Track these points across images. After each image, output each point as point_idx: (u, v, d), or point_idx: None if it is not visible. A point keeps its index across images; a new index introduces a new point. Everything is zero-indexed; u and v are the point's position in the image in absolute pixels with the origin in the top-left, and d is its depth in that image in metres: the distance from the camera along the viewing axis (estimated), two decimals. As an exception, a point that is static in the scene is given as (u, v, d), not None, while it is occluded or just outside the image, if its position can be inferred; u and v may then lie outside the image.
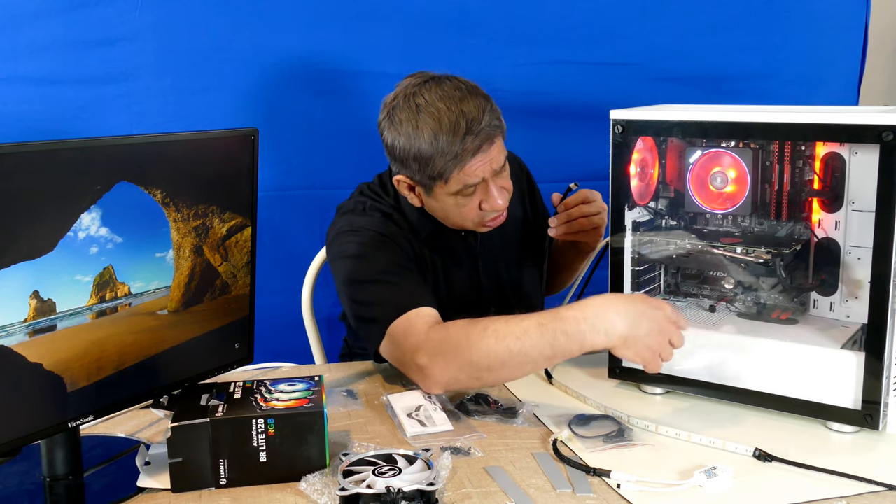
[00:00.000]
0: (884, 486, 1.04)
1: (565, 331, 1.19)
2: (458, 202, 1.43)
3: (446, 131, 1.35)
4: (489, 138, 1.37)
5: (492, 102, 1.41)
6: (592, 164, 1.86)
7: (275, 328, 1.97)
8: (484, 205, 1.44)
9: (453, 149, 1.35)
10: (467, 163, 1.37)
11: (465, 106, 1.36)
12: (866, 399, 1.16)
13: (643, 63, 2.10)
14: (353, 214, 1.51)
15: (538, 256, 1.71)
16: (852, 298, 1.28)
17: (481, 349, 1.22)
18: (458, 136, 1.35)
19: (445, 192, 1.42)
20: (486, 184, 1.42)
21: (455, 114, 1.35)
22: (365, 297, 1.40)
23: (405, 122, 1.38)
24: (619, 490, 1.05)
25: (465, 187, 1.40)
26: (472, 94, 1.39)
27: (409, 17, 1.96)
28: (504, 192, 1.45)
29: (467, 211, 1.45)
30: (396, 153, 1.41)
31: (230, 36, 1.88)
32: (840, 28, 2.21)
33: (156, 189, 1.09)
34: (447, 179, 1.39)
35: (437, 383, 1.27)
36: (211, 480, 1.07)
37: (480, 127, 1.36)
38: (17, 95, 1.80)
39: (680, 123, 1.29)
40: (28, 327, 0.97)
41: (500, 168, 1.42)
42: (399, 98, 1.40)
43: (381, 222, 1.49)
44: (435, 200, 1.46)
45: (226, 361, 1.26)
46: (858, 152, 1.22)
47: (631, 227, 1.38)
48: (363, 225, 1.47)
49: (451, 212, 1.46)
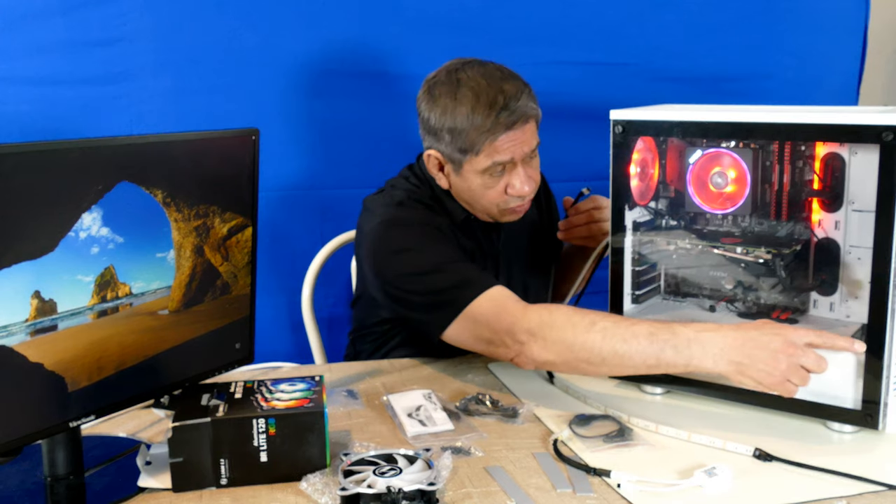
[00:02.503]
0: (884, 486, 1.04)
1: (675, 346, 1.19)
2: (486, 182, 1.45)
3: (483, 105, 1.38)
4: (524, 118, 1.40)
5: (530, 88, 1.44)
6: (592, 164, 1.86)
7: (275, 328, 1.97)
8: (510, 189, 1.45)
9: (487, 122, 1.38)
10: (499, 138, 1.39)
11: (504, 84, 1.40)
12: (866, 399, 1.17)
13: (643, 63, 2.10)
14: (394, 208, 1.49)
15: (548, 262, 1.71)
16: (852, 298, 1.28)
17: (586, 342, 1.23)
18: (494, 111, 1.38)
19: (474, 170, 1.43)
20: (515, 166, 1.44)
21: (495, 90, 1.39)
22: (432, 287, 1.38)
23: (444, 95, 1.42)
24: (620, 490, 1.05)
25: (493, 164, 1.42)
26: (512, 76, 1.43)
27: (409, 18, 1.96)
28: (531, 182, 1.46)
29: (493, 194, 1.46)
30: (431, 125, 1.45)
31: (230, 36, 1.88)
32: (840, 28, 2.21)
33: (157, 189, 1.09)
34: (478, 152, 1.41)
35: (532, 361, 1.29)
36: (212, 480, 1.07)
37: (517, 105, 1.39)
38: (17, 95, 1.79)
39: (680, 123, 1.29)
40: (29, 327, 0.97)
41: (530, 152, 1.45)
42: (441, 74, 1.45)
43: (428, 214, 1.50)
44: (463, 180, 1.47)
45: (226, 361, 1.26)
46: (858, 152, 1.22)
47: (631, 227, 1.38)
48: (410, 217, 1.48)
49: (476, 193, 1.47)
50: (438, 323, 1.36)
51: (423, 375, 1.46)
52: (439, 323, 1.36)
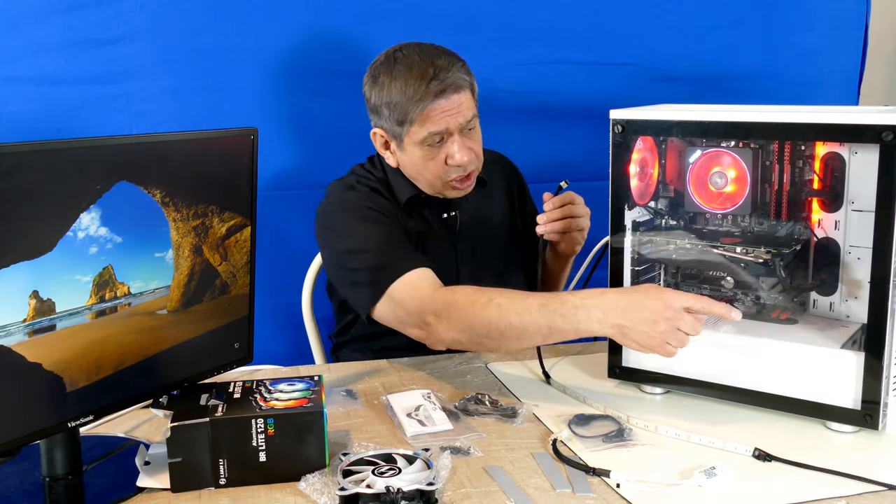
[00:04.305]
0: (884, 486, 1.04)
1: (563, 314, 1.24)
2: (426, 154, 1.51)
3: (416, 77, 1.46)
4: (455, 87, 1.47)
5: (465, 63, 1.52)
6: (592, 164, 1.86)
7: (275, 328, 1.97)
8: (449, 160, 1.51)
9: (419, 92, 1.45)
10: (429, 105, 1.46)
11: (437, 59, 1.48)
12: (866, 399, 1.16)
13: (643, 63, 2.10)
14: (342, 190, 1.60)
15: (525, 256, 1.71)
16: (852, 298, 1.28)
17: (484, 318, 1.29)
18: (426, 81, 1.45)
19: (413, 143, 1.51)
20: (452, 136, 1.50)
21: (427, 63, 1.47)
22: (361, 265, 1.47)
23: (382, 73, 1.50)
24: (619, 490, 1.05)
25: (429, 135, 1.48)
26: (447, 52, 1.51)
27: (409, 17, 1.96)
28: (469, 152, 1.52)
29: (434, 166, 1.52)
30: (373, 103, 1.53)
31: (230, 36, 1.88)
32: (840, 28, 2.20)
33: (155, 189, 1.09)
34: (412, 122, 1.48)
35: (440, 341, 1.36)
36: (210, 480, 1.07)
37: (447, 75, 1.46)
38: (17, 95, 1.79)
39: (680, 123, 1.29)
40: (27, 327, 0.97)
41: (466, 123, 1.50)
42: (381, 57, 1.54)
43: (370, 196, 1.57)
44: (406, 154, 1.54)
45: (225, 361, 1.26)
46: (858, 152, 1.22)
47: (631, 226, 1.38)
48: (352, 198, 1.57)
49: (419, 167, 1.54)
50: (364, 302, 1.45)
51: (422, 375, 1.46)
52: (365, 302, 1.45)
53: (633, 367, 1.36)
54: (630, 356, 1.36)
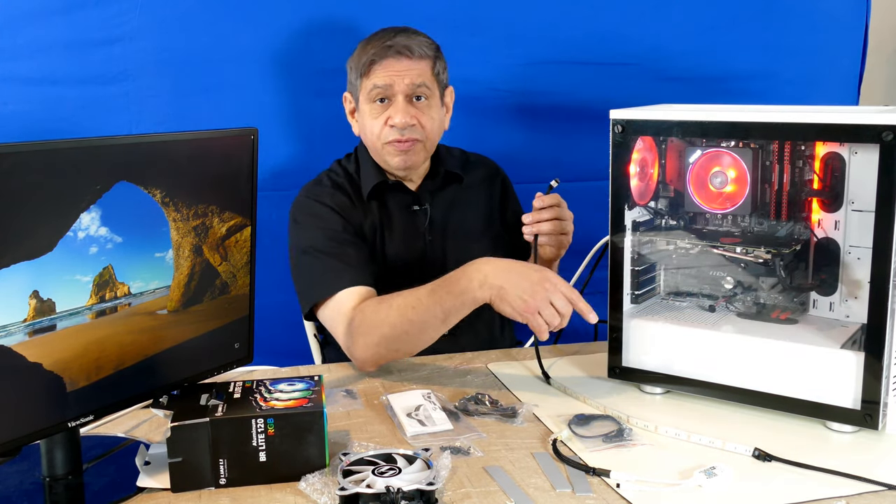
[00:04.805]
0: (884, 486, 1.04)
1: (450, 290, 1.30)
2: (371, 111, 1.58)
3: (378, 37, 1.57)
4: (408, 50, 1.55)
5: (436, 45, 1.61)
6: (592, 164, 1.86)
7: (275, 328, 1.97)
8: (389, 120, 1.56)
9: (376, 47, 1.55)
10: (382, 60, 1.55)
11: (406, 30, 1.58)
12: (866, 399, 1.16)
13: (643, 63, 2.10)
14: (311, 185, 1.66)
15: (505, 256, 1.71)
16: (852, 298, 1.28)
17: (387, 323, 1.35)
18: (385, 40, 1.55)
19: (364, 98, 1.58)
20: (396, 97, 1.56)
21: (394, 30, 1.58)
22: (302, 266, 1.54)
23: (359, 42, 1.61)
24: (619, 490, 1.05)
25: (374, 88, 1.55)
26: (417, 32, 1.60)
27: (409, 17, 1.94)
28: (413, 119, 1.56)
29: (377, 125, 1.58)
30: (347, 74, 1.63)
31: (229, 36, 1.88)
32: (840, 28, 2.20)
33: (155, 189, 1.09)
34: (362, 74, 1.57)
35: (363, 361, 1.41)
36: (210, 480, 1.07)
37: (407, 40, 1.55)
38: (17, 95, 1.79)
39: (680, 123, 1.29)
40: (28, 327, 0.97)
41: (414, 88, 1.56)
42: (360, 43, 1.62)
43: (330, 192, 1.62)
44: (361, 115, 1.61)
45: (225, 361, 1.26)
46: (858, 152, 1.22)
47: (631, 226, 1.38)
48: (315, 194, 1.62)
49: (367, 126, 1.60)
50: (301, 303, 1.53)
51: (422, 375, 1.46)
52: (302, 304, 1.53)
53: (633, 367, 1.36)
54: (630, 356, 1.36)
